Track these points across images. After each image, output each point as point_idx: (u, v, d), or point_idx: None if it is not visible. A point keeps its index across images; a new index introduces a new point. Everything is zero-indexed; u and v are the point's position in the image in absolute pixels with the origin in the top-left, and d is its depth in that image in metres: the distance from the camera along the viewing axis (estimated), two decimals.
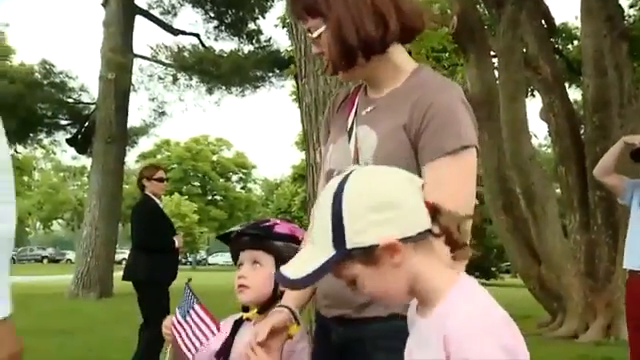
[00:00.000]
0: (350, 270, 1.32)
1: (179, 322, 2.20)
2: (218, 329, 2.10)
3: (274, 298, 2.05)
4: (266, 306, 2.07)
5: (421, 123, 1.72)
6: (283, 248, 2.07)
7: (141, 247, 5.94)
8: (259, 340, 1.78)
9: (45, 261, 52.20)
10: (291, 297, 1.91)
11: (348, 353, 1.83)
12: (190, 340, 2.14)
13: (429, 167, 1.70)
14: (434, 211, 1.30)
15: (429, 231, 1.30)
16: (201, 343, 2.13)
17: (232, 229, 2.18)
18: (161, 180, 6.23)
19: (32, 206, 55.84)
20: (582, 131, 11.54)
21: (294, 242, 2.08)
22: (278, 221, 2.19)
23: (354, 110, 1.91)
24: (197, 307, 2.15)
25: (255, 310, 2.09)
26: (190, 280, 2.23)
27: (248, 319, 2.10)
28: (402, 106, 1.76)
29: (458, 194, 1.65)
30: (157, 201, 6.19)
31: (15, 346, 1.38)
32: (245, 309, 2.14)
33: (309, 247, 1.39)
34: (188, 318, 2.17)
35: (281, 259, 2.01)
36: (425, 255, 1.32)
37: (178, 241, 6.09)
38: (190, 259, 55.56)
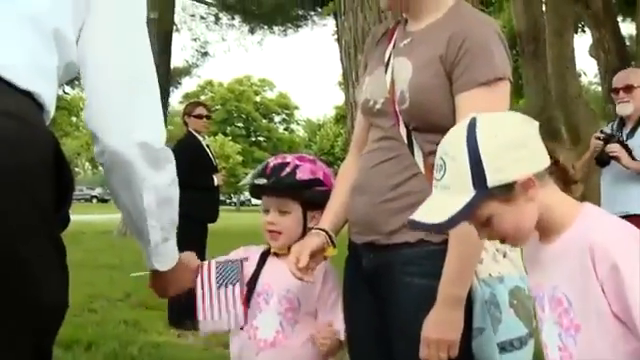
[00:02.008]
0: (486, 209, 1.37)
1: (209, 284, 2.13)
2: (244, 321, 2.10)
3: (303, 236, 2.09)
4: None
5: (456, 55, 1.74)
6: (308, 194, 2.11)
7: (179, 183, 5.93)
8: (301, 266, 1.87)
9: (94, 201, 53.62)
10: (327, 220, 1.97)
11: (377, 278, 1.86)
12: (211, 308, 2.10)
13: (462, 97, 1.72)
14: (551, 151, 1.40)
15: (551, 166, 1.40)
16: (216, 318, 2.11)
17: (255, 181, 2.15)
18: (200, 117, 6.19)
19: (80, 147, 56.91)
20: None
21: (317, 184, 2.12)
22: (297, 161, 2.16)
23: (392, 43, 1.94)
24: (237, 289, 2.10)
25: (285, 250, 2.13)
26: (246, 259, 2.17)
27: (276, 254, 2.15)
28: (439, 37, 1.79)
29: None
30: (199, 138, 6.17)
31: None
32: None
33: (441, 193, 1.41)
34: (222, 290, 2.11)
35: (307, 204, 2.11)
36: (549, 188, 1.40)
37: (217, 179, 6.05)
38: (234, 200, 56.39)
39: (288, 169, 2.14)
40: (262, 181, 2.12)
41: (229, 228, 14.80)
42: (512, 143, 1.35)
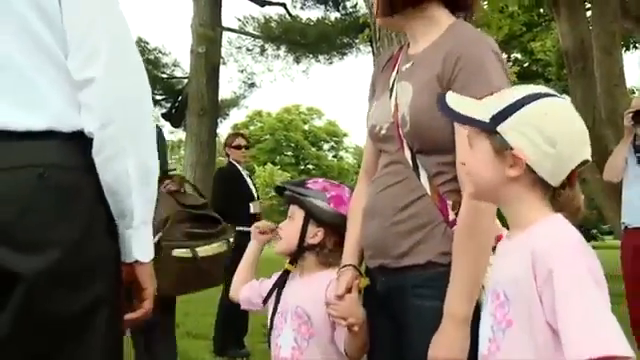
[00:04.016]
0: (479, 143, 1.46)
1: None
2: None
3: (300, 250, 2.19)
4: (295, 258, 2.22)
5: (452, 73, 1.77)
6: (311, 204, 2.18)
7: (217, 213, 6.05)
8: (338, 294, 1.94)
9: None
10: (350, 255, 2.02)
11: (390, 301, 1.88)
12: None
13: None
14: (573, 178, 1.42)
15: (560, 185, 1.41)
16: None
17: (278, 184, 2.34)
18: (239, 147, 6.32)
19: None
20: None
21: (322, 198, 2.19)
22: (319, 179, 2.28)
23: (396, 68, 1.98)
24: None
25: (287, 261, 2.25)
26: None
27: (287, 270, 2.26)
28: (436, 58, 1.82)
29: None
30: (239, 168, 6.28)
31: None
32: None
33: (476, 102, 1.50)
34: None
35: (310, 214, 2.18)
36: (536, 192, 1.42)
37: (254, 207, 6.09)
38: None
39: (305, 180, 2.28)
40: (281, 184, 2.29)
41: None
42: (546, 133, 1.38)
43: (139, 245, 1.58)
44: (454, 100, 1.49)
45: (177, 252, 3.65)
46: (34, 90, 1.46)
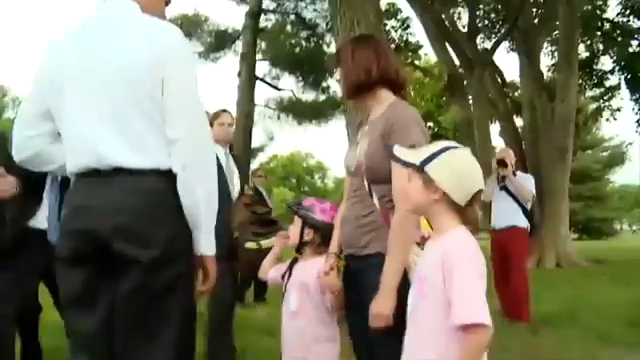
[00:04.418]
0: (414, 178, 1.36)
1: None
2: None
3: (300, 245, 2.09)
4: (298, 248, 2.10)
5: (388, 132, 1.69)
6: (304, 214, 2.07)
7: None
8: (325, 270, 1.88)
9: None
10: (334, 247, 1.91)
11: (357, 278, 1.79)
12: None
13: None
14: (474, 199, 1.33)
15: (465, 204, 1.32)
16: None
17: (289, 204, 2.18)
18: (255, 174, 6.26)
19: None
20: None
21: (312, 211, 2.07)
22: (311, 198, 2.17)
23: (361, 129, 1.88)
24: None
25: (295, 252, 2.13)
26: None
27: (295, 258, 2.13)
28: (381, 122, 1.73)
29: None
30: (261, 190, 6.01)
31: None
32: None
33: (413, 151, 1.40)
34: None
35: (305, 221, 2.07)
36: (449, 210, 1.33)
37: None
38: None
39: (302, 200, 2.17)
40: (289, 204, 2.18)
41: None
42: (455, 170, 1.32)
43: (206, 244, 1.46)
44: (399, 151, 1.41)
45: (248, 245, 3.65)
46: (145, 143, 1.40)
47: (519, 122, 12.70)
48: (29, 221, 2.62)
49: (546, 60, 17.43)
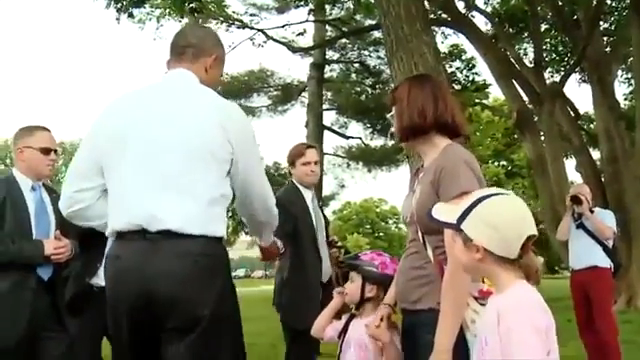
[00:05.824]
0: (455, 238, 1.29)
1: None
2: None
3: (362, 300, 2.05)
4: (358, 305, 2.07)
5: (438, 180, 1.65)
6: (365, 270, 2.04)
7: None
8: (376, 324, 1.85)
9: None
10: (389, 298, 1.90)
11: (410, 333, 1.77)
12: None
13: None
14: (526, 248, 1.23)
15: (515, 258, 1.23)
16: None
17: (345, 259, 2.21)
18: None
19: None
20: None
21: (372, 266, 2.04)
22: (368, 252, 2.13)
23: (418, 176, 1.86)
24: None
25: (353, 308, 2.10)
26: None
27: (352, 314, 2.09)
28: (432, 170, 1.70)
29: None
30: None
31: None
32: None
33: (452, 208, 1.32)
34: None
35: (366, 277, 2.03)
36: (500, 265, 1.23)
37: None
38: None
39: (360, 254, 2.14)
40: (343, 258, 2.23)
41: None
42: (491, 223, 1.23)
43: (265, 241, 1.99)
44: (437, 210, 1.34)
45: None
46: (197, 210, 1.44)
47: (596, 155, 12.09)
48: (92, 278, 2.62)
49: (622, 88, 16.75)
